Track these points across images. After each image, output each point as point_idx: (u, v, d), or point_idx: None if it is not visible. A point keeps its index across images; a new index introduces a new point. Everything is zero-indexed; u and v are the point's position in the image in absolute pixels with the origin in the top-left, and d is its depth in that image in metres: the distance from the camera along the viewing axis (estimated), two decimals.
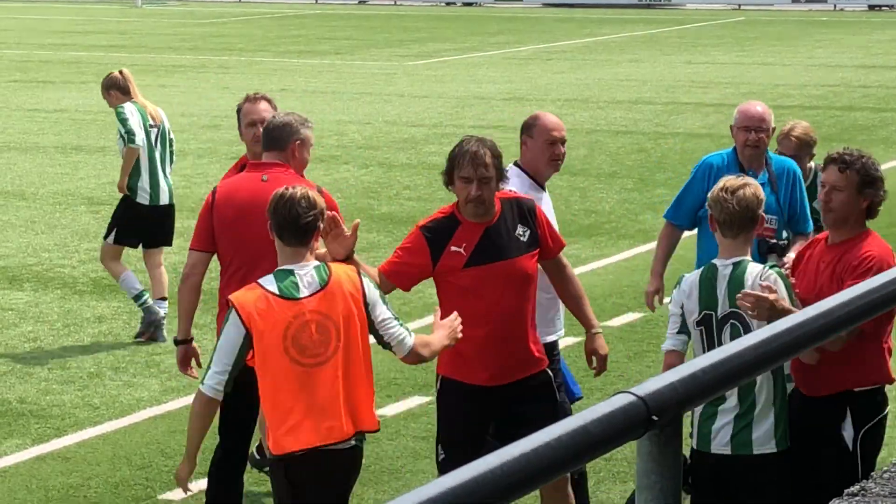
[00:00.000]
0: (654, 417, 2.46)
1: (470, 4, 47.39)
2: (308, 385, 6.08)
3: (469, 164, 6.04)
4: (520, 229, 6.32)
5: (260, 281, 5.97)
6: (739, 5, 45.78)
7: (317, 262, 6.08)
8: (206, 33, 38.82)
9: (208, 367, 5.98)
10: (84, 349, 11.39)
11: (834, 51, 32.92)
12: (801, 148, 8.35)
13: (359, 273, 6.07)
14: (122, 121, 11.52)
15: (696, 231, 8.12)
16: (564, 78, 28.09)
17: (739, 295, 5.85)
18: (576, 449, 2.35)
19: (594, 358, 6.58)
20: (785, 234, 7.55)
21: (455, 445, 6.25)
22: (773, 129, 7.78)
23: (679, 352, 5.94)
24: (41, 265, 13.89)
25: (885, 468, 4.33)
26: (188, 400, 8.73)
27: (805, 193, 7.53)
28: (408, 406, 9.85)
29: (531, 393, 6.31)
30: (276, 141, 6.53)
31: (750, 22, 41.89)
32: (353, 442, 6.02)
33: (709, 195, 6.06)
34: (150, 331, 11.28)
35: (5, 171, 18.27)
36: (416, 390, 10.10)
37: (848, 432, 5.96)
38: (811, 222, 7.31)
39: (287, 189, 5.89)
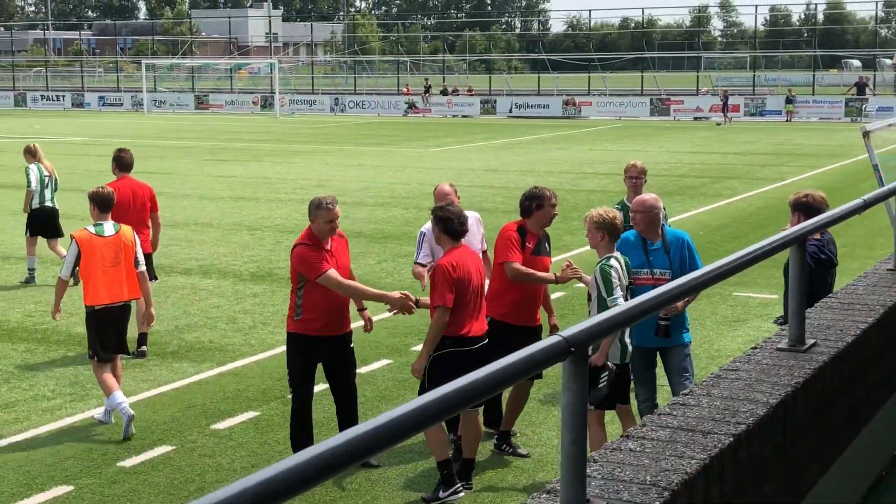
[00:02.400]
0: (572, 349, 2.64)
1: (466, 117, 60.35)
2: (108, 275, 9.84)
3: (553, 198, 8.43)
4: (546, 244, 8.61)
5: (87, 227, 9.89)
6: (620, 117, 57.50)
7: (113, 222, 9.99)
8: (316, 131, 46.87)
9: (63, 266, 9.98)
10: (245, 312, 13.71)
11: (674, 143, 40.98)
12: (640, 175, 10.29)
13: (134, 232, 10.16)
14: (27, 174, 15.90)
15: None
16: (520, 157, 34.83)
17: (564, 265, 8.39)
18: (526, 366, 2.50)
19: None
20: None
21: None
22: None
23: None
24: (221, 264, 16.90)
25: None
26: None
27: (696, 254, 8.03)
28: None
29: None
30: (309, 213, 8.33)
31: (626, 127, 51.55)
32: (130, 302, 10.08)
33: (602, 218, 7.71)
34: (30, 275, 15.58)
35: (201, 211, 22.75)
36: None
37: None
38: None
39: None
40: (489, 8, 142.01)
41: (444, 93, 66.59)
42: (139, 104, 69.01)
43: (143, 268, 10.13)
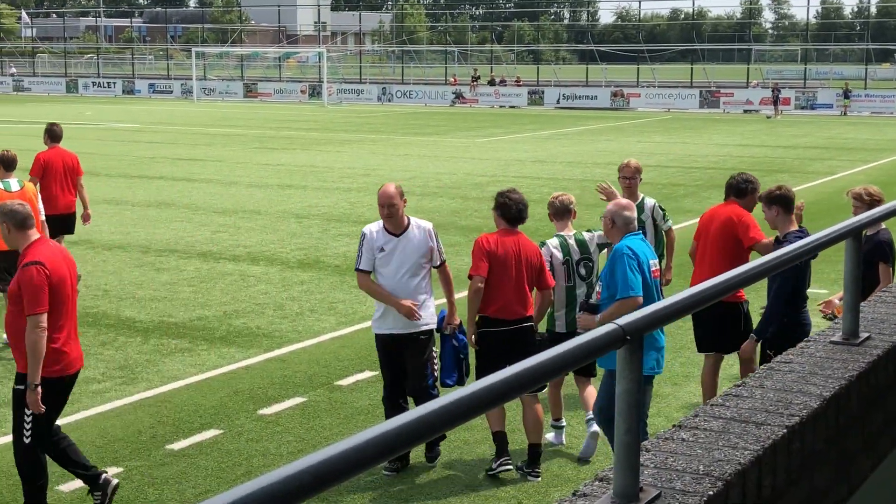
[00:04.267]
0: (628, 337, 2.63)
1: (514, 107, 60.18)
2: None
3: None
4: None
5: None
6: (669, 109, 56.93)
7: (17, 178, 11.70)
8: (363, 121, 46.86)
9: None
10: (293, 299, 13.71)
11: (723, 136, 40.54)
12: (635, 174, 10.12)
13: (35, 188, 11.95)
14: None
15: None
16: (567, 149, 34.65)
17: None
18: (582, 353, 2.49)
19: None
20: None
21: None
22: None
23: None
24: (269, 251, 16.91)
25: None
26: (348, 330, 14.12)
27: (616, 268, 7.40)
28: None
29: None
30: None
31: (675, 119, 50.69)
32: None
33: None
34: None
35: (249, 199, 22.79)
36: None
37: None
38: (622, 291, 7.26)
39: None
40: None
41: (491, 83, 66.47)
42: (189, 92, 69.51)
43: (43, 216, 12.12)
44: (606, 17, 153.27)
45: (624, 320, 2.69)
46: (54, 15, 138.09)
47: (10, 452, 7.52)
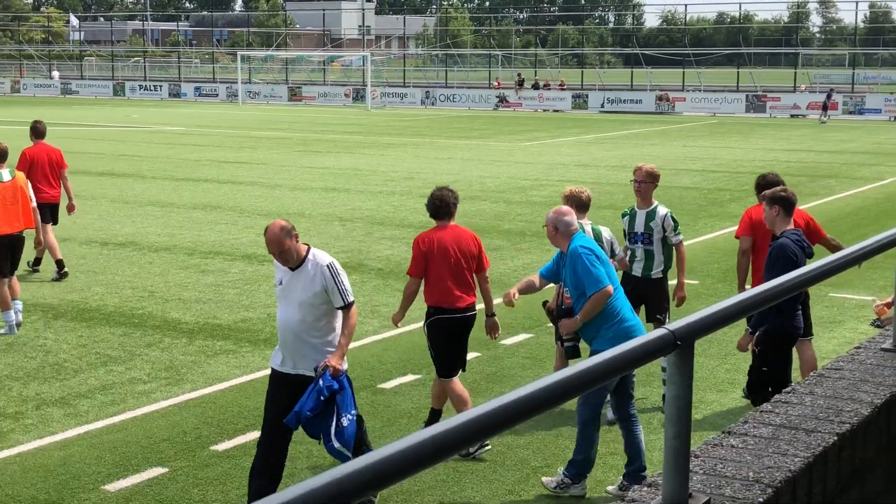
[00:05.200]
0: (678, 342, 2.63)
1: (557, 111, 60.18)
2: (8, 211, 12.24)
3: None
4: None
5: None
6: (714, 113, 56.74)
7: (10, 169, 12.42)
8: (406, 125, 47.24)
9: None
10: None
11: (769, 140, 40.38)
12: (645, 178, 10.01)
13: (26, 177, 12.68)
14: None
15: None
16: (610, 154, 34.48)
17: None
18: (632, 358, 2.50)
19: None
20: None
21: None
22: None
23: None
24: None
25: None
26: (390, 333, 13.02)
27: (578, 268, 7.67)
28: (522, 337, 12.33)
29: None
30: None
31: (720, 123, 50.53)
32: (23, 233, 12.53)
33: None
34: None
35: (293, 201, 22.94)
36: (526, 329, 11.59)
37: None
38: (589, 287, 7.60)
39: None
40: (582, 2, 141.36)
41: (535, 87, 66.36)
42: (234, 95, 69.96)
43: (34, 203, 12.78)
44: (652, 20, 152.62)
45: (675, 325, 2.66)
46: (102, 19, 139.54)
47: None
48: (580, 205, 9.02)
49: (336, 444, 7.36)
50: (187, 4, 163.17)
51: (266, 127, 46.16)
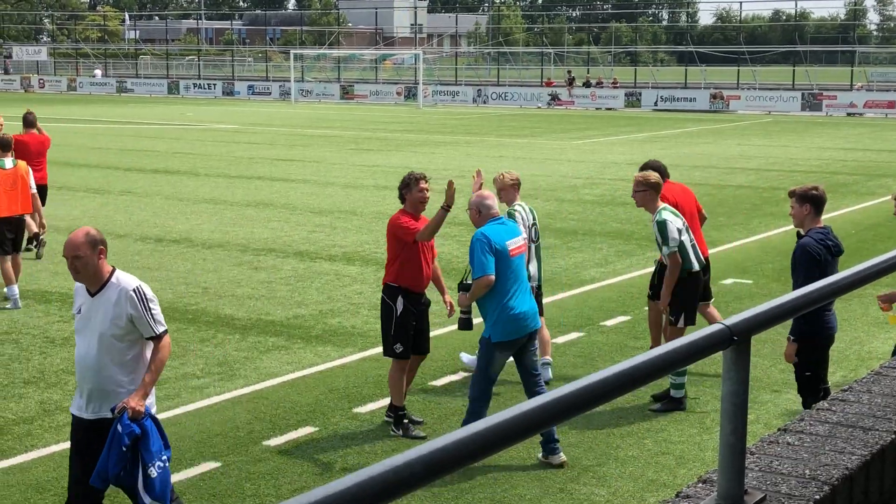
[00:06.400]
0: (735, 338, 2.61)
1: (610, 109, 59.88)
2: (9, 196, 13.47)
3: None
4: None
5: None
6: (769, 111, 55.93)
7: (12, 158, 13.64)
8: (458, 123, 47.21)
9: None
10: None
11: (826, 139, 40.02)
12: (636, 187, 10.00)
13: (28, 166, 14.05)
14: None
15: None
16: (664, 151, 33.45)
17: None
18: (687, 353, 2.48)
19: None
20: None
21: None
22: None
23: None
24: (364, 251, 17.12)
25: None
26: (441, 331, 13.16)
27: (471, 255, 8.40)
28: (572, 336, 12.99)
29: None
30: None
31: (775, 122, 49.90)
32: (24, 216, 14.01)
33: None
34: None
35: (345, 199, 23.01)
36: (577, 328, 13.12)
37: None
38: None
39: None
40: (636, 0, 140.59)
41: (586, 85, 66.12)
42: (287, 93, 70.31)
43: (34, 190, 14.06)
44: (706, 18, 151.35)
45: (731, 321, 2.64)
46: (157, 17, 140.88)
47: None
48: (512, 186, 10.28)
49: (147, 501, 6.35)
50: (241, 3, 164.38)
51: (318, 125, 46.39)
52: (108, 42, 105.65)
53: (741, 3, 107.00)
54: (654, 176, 9.83)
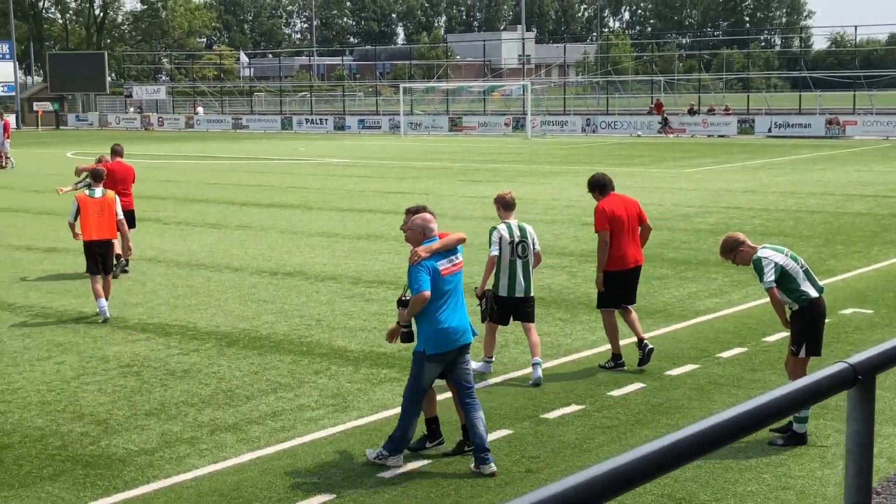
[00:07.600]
0: (859, 377, 2.59)
1: (723, 136, 59.42)
2: (96, 221, 15.08)
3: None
4: None
5: (85, 191, 15.44)
6: (887, 136, 55.03)
7: (104, 189, 15.38)
8: (566, 153, 47.58)
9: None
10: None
11: None
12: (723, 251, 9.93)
13: (115, 194, 15.17)
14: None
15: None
16: (779, 178, 33.88)
17: None
18: (811, 392, 2.49)
19: None
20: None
21: None
22: None
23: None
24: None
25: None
26: (553, 363, 15.26)
27: (410, 269, 9.09)
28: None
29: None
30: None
31: (894, 147, 48.88)
32: (112, 240, 15.34)
33: None
34: None
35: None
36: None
37: None
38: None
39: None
40: (747, 25, 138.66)
41: (691, 112, 65.44)
42: (396, 127, 71.02)
43: (121, 216, 15.31)
44: (820, 42, 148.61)
45: (855, 359, 2.57)
46: (270, 55, 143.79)
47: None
48: (506, 205, 11.47)
49: None
50: (352, 39, 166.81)
51: (427, 157, 46.62)
52: (223, 80, 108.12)
53: (856, 27, 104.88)
54: (739, 235, 9.84)
